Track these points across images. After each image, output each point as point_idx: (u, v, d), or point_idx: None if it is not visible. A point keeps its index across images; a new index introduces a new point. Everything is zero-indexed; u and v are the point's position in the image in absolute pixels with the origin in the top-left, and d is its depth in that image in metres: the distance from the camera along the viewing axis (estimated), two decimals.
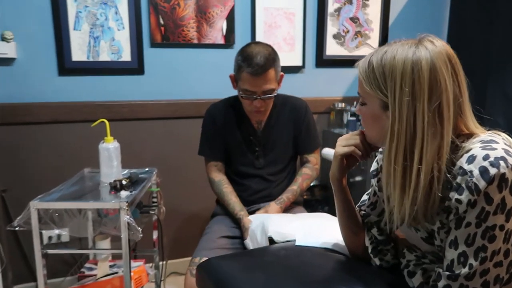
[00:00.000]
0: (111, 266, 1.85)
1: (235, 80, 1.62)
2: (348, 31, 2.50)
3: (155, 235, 1.84)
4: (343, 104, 2.44)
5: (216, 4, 2.19)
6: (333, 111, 2.47)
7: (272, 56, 1.53)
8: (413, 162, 0.80)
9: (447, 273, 0.82)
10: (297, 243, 1.09)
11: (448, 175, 0.80)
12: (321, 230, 1.15)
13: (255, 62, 1.48)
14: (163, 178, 1.86)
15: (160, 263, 1.83)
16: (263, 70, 1.49)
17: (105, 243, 1.90)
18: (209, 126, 1.71)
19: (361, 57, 0.89)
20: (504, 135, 0.83)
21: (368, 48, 2.54)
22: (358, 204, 1.08)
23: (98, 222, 1.53)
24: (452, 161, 0.81)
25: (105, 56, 2.09)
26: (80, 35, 2.04)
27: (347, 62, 2.52)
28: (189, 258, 2.35)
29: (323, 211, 2.25)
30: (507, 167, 0.74)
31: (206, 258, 1.44)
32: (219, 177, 1.69)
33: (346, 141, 0.97)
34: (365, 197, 1.08)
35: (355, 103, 2.48)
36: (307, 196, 2.38)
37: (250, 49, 1.53)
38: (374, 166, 1.04)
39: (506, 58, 2.16)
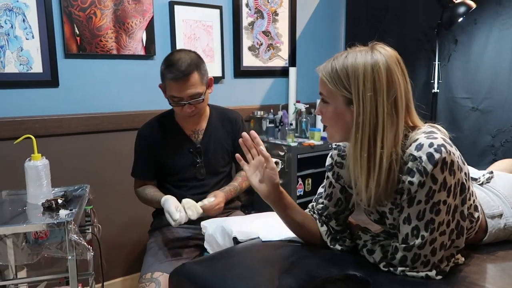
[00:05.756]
0: None
1: (164, 89, 1.62)
2: (261, 44, 2.66)
3: (88, 256, 1.72)
4: (262, 112, 2.58)
5: (134, 14, 2.15)
6: (252, 119, 2.59)
7: (194, 61, 1.54)
8: (376, 147, 0.94)
9: (403, 245, 0.97)
10: (263, 240, 1.16)
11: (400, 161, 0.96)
12: (280, 226, 1.22)
13: (176, 68, 1.50)
14: (92, 195, 1.76)
15: (98, 285, 1.71)
16: (185, 75, 1.50)
17: (23, 273, 1.72)
18: (140, 148, 1.69)
19: (275, 67, 1.00)
20: (438, 126, 1.01)
21: (280, 60, 2.74)
22: (315, 197, 1.19)
23: (31, 248, 1.39)
24: (402, 149, 0.96)
25: (12, 67, 1.90)
26: None
27: (263, 73, 2.68)
28: (126, 277, 2.27)
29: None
30: (446, 152, 0.91)
31: (161, 273, 1.42)
32: (143, 186, 1.68)
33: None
34: (320, 189, 1.19)
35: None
36: None
37: (172, 56, 1.55)
38: (328, 161, 1.17)
39: None
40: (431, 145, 0.91)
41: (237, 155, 1.11)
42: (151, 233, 1.71)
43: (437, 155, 0.90)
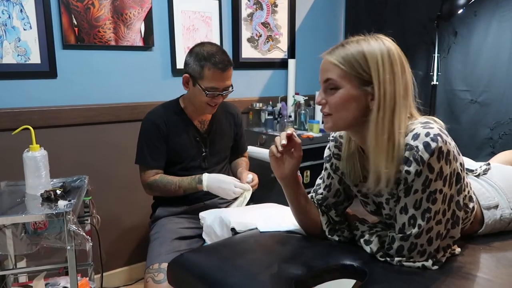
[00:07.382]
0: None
1: (190, 80, 1.60)
2: (260, 35, 2.65)
3: (87, 246, 1.73)
4: (261, 104, 2.58)
5: (133, 5, 2.14)
6: (251, 111, 2.59)
7: (228, 54, 1.61)
8: (394, 128, 0.95)
9: (400, 235, 0.98)
10: (261, 230, 1.16)
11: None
12: (278, 217, 1.24)
13: (221, 59, 1.53)
14: (91, 186, 1.76)
15: (97, 275, 1.73)
16: (230, 65, 1.57)
17: (23, 263, 1.73)
18: (151, 134, 1.65)
19: (274, 59, 1.00)
20: (435, 118, 1.01)
21: (279, 51, 2.73)
22: (314, 188, 1.20)
23: (30, 239, 1.39)
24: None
25: (10, 58, 1.90)
26: None
27: (262, 65, 2.67)
28: (124, 268, 2.28)
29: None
30: (443, 141, 0.92)
31: (167, 263, 1.42)
32: (159, 175, 1.66)
33: (274, 142, 1.09)
34: (319, 181, 1.19)
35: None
36: None
37: (207, 48, 1.56)
38: (326, 152, 1.17)
39: None
40: (427, 134, 0.92)
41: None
42: (153, 224, 1.71)
43: (433, 144, 0.91)
